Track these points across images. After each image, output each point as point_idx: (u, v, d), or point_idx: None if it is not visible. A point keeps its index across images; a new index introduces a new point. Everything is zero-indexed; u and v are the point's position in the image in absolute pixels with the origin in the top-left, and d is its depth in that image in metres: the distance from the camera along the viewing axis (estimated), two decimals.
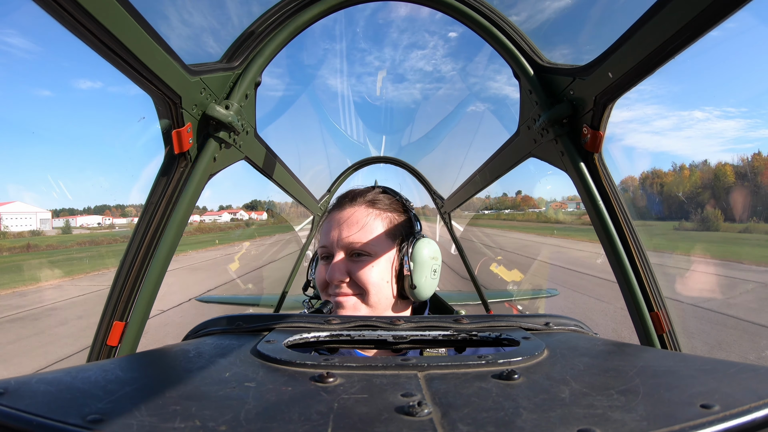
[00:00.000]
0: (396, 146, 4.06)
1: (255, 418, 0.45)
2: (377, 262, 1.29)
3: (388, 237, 1.33)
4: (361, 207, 1.36)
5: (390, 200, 1.42)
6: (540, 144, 1.66)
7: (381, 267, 1.30)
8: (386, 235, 1.33)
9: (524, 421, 0.44)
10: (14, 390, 0.48)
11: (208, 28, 1.59)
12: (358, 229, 1.30)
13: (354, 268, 1.29)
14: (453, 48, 7.18)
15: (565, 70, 1.47)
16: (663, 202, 65.13)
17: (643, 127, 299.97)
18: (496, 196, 59.06)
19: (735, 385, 0.52)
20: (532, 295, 8.25)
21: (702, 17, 0.94)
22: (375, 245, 1.30)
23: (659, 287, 1.49)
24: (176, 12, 1.42)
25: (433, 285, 1.36)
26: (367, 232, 1.31)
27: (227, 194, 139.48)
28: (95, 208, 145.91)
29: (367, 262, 1.29)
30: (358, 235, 1.29)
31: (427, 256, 1.32)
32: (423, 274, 1.31)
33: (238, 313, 0.95)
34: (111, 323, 1.41)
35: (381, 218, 1.35)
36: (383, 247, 1.31)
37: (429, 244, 1.35)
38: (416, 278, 1.30)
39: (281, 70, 2.42)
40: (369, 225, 1.32)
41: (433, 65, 22.37)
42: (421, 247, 1.32)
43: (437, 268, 1.36)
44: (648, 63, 1.13)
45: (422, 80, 8.43)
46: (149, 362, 0.69)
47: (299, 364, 0.62)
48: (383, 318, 0.91)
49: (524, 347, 0.71)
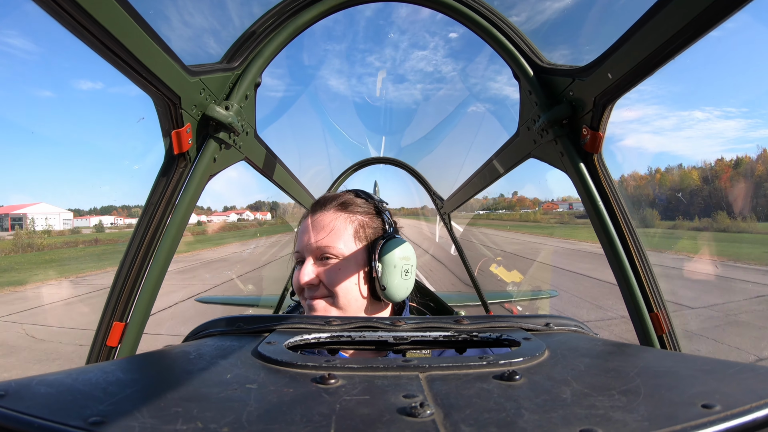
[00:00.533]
0: (396, 147, 4.06)
1: (257, 420, 0.45)
2: (345, 264, 1.29)
3: (357, 239, 1.33)
4: (330, 211, 1.36)
5: (362, 203, 1.41)
6: (540, 145, 1.66)
7: (349, 269, 1.29)
8: (354, 237, 1.33)
9: (526, 422, 0.44)
10: (15, 392, 0.48)
11: (208, 28, 1.59)
12: (325, 233, 1.31)
13: (322, 272, 1.29)
14: (453, 49, 7.25)
15: (565, 71, 1.47)
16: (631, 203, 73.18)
17: (644, 127, 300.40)
18: (493, 197, 60.70)
19: (735, 385, 0.52)
20: (531, 296, 8.24)
21: (701, 18, 0.94)
22: (342, 247, 1.30)
23: (659, 288, 1.49)
24: (176, 13, 1.42)
25: (406, 286, 1.34)
26: (334, 235, 1.31)
27: (230, 195, 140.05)
28: (101, 209, 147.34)
29: (335, 265, 1.29)
30: (325, 239, 1.30)
31: (397, 257, 1.31)
32: (393, 275, 1.30)
33: (237, 314, 0.95)
34: (111, 324, 1.41)
35: (349, 221, 1.34)
36: (351, 249, 1.31)
37: (399, 245, 1.34)
38: (385, 280, 1.29)
39: (281, 70, 2.42)
40: (336, 228, 1.32)
41: (433, 66, 22.47)
42: (390, 248, 1.32)
43: (409, 269, 1.35)
44: (647, 64, 1.14)
45: (423, 80, 8.41)
46: (150, 364, 0.69)
47: (300, 366, 0.62)
48: (384, 319, 0.91)
49: (525, 348, 0.71)
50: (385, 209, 1.44)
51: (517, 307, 6.45)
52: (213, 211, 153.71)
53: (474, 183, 2.89)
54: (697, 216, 58.57)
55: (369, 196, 1.45)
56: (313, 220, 1.36)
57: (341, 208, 1.37)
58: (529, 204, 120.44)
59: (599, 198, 1.47)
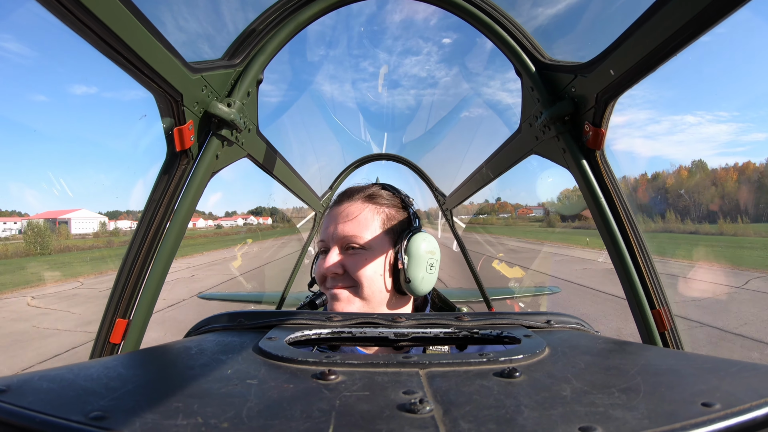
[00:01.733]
0: (398, 143, 4.05)
1: (257, 416, 0.45)
2: (371, 255, 1.29)
3: (384, 231, 1.33)
4: (357, 202, 1.36)
5: (389, 195, 1.42)
6: (542, 141, 1.66)
7: (375, 260, 1.30)
8: (381, 228, 1.33)
9: (526, 419, 0.44)
10: (17, 387, 0.49)
11: (209, 25, 1.58)
12: (352, 222, 1.31)
13: (348, 261, 1.29)
14: (448, 53, 7.24)
15: (567, 68, 1.46)
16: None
17: (637, 131, 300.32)
18: (479, 203, 64.29)
19: (736, 383, 0.52)
20: (534, 293, 8.25)
21: (704, 14, 0.93)
22: (369, 238, 1.30)
23: (661, 285, 1.48)
24: (178, 9, 1.42)
25: (431, 280, 1.34)
26: (362, 225, 1.31)
27: (229, 201, 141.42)
28: (109, 213, 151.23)
29: (361, 255, 1.29)
30: (352, 229, 1.30)
31: (423, 250, 1.31)
32: (418, 268, 1.30)
33: (240, 309, 0.96)
34: (114, 320, 1.42)
35: (377, 212, 1.35)
36: (378, 240, 1.31)
37: (426, 238, 1.34)
38: (411, 272, 1.29)
39: (283, 67, 2.42)
40: (364, 219, 1.32)
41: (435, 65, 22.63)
42: (417, 241, 1.32)
43: (434, 263, 1.35)
44: (650, 60, 1.13)
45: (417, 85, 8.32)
46: (151, 359, 0.69)
47: (301, 362, 0.62)
48: (385, 315, 0.91)
49: (525, 345, 0.71)
50: (411, 204, 1.45)
51: (519, 304, 6.45)
52: (220, 217, 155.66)
53: (476, 179, 2.88)
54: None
55: (396, 190, 1.46)
56: (340, 209, 1.36)
57: (369, 200, 1.37)
58: (510, 209, 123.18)
59: (601, 194, 1.46)
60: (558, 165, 1.60)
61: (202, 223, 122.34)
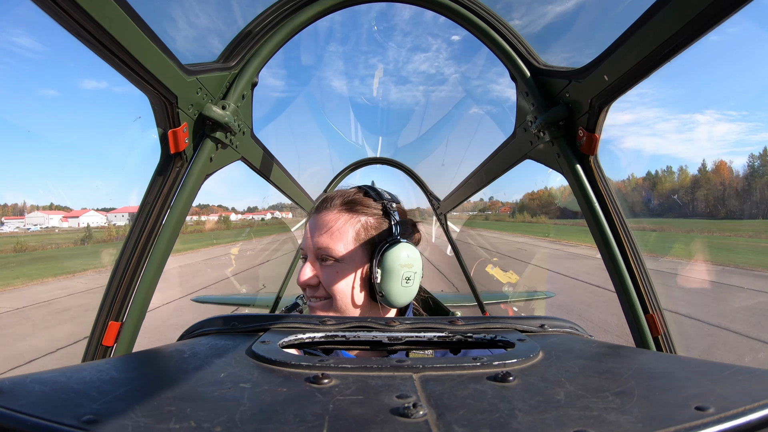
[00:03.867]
0: (392, 147, 4.06)
1: (250, 420, 0.45)
2: (344, 268, 1.27)
3: (358, 241, 1.29)
4: (334, 211, 1.32)
5: (369, 202, 1.36)
6: (536, 146, 1.67)
7: (347, 272, 1.27)
8: (356, 240, 1.29)
9: (519, 423, 0.44)
10: (9, 390, 0.48)
11: (204, 27, 1.58)
12: (326, 233, 1.28)
13: (322, 274, 1.28)
14: (455, 51, 7.28)
15: (561, 73, 1.47)
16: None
17: (644, 129, 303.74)
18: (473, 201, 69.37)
19: (730, 387, 0.52)
20: (527, 297, 8.26)
21: (697, 21, 0.94)
22: (343, 251, 1.27)
23: (654, 289, 1.49)
24: (173, 12, 1.42)
25: (408, 292, 1.30)
26: (336, 237, 1.27)
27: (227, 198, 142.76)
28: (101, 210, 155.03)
29: (334, 268, 1.27)
30: (326, 240, 1.27)
31: (397, 264, 1.26)
32: (393, 282, 1.26)
33: (233, 313, 0.95)
34: (106, 323, 1.40)
35: (352, 222, 1.30)
36: (352, 253, 1.28)
37: (402, 251, 1.28)
38: (385, 287, 1.25)
39: (278, 70, 2.42)
40: (339, 229, 1.28)
41: (435, 68, 22.86)
42: (392, 255, 1.26)
43: (411, 276, 1.29)
44: (643, 66, 1.14)
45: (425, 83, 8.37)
46: (144, 363, 0.68)
47: (294, 365, 0.62)
48: (378, 319, 0.91)
49: (519, 349, 0.71)
50: (393, 209, 1.37)
51: (513, 308, 6.46)
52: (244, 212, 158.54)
53: (470, 184, 2.90)
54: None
55: (378, 195, 1.39)
56: (317, 218, 1.33)
57: (346, 208, 1.33)
58: (497, 207, 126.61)
59: (595, 199, 1.47)
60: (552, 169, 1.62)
61: (234, 217, 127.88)
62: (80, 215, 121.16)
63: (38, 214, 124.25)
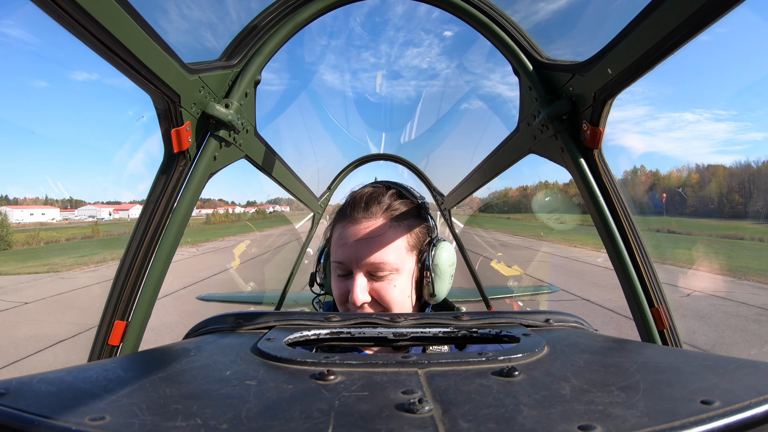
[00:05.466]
0: (396, 143, 4.05)
1: (256, 417, 0.45)
2: (400, 279, 1.23)
3: (408, 249, 1.26)
4: (378, 219, 1.25)
5: (405, 203, 1.32)
6: (540, 140, 1.66)
7: (403, 283, 1.24)
8: (407, 247, 1.26)
9: (525, 418, 0.44)
10: (16, 390, 0.49)
11: (206, 25, 1.58)
12: (377, 246, 1.21)
13: (376, 288, 1.22)
14: (458, 46, 7.13)
15: (565, 66, 1.46)
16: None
17: (634, 127, 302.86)
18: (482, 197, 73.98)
19: (735, 381, 0.52)
20: (533, 292, 8.25)
21: (701, 12, 0.93)
22: (398, 262, 1.22)
23: (660, 283, 1.49)
24: (174, 10, 1.42)
25: (449, 287, 1.33)
26: (389, 249, 1.22)
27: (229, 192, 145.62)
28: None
29: (391, 281, 1.22)
30: (379, 254, 1.21)
31: (447, 263, 1.27)
32: (444, 281, 1.27)
33: (239, 311, 0.96)
34: (112, 323, 1.41)
35: (400, 229, 1.26)
36: (404, 261, 1.24)
37: (448, 250, 1.30)
38: (437, 287, 1.26)
39: (281, 67, 2.42)
40: (389, 240, 1.23)
41: (438, 63, 22.88)
42: (442, 255, 1.27)
43: (454, 272, 1.32)
44: (647, 59, 1.13)
45: (417, 77, 8.36)
46: (150, 361, 0.69)
47: (300, 362, 0.62)
48: (383, 315, 0.91)
49: (524, 344, 0.71)
50: (427, 207, 1.37)
51: (518, 303, 6.46)
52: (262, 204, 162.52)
53: (474, 179, 2.88)
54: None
55: (411, 195, 1.36)
56: (360, 228, 1.25)
57: (389, 215, 1.27)
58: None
59: (599, 193, 1.47)
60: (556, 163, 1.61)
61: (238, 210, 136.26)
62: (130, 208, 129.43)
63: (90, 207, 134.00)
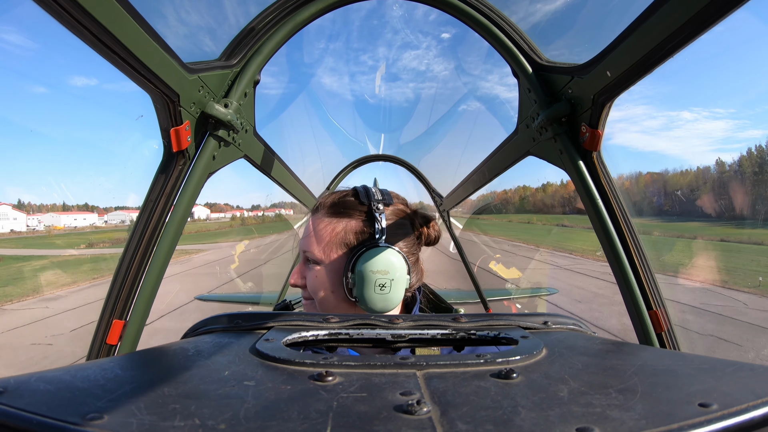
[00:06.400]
0: (395, 144, 4.06)
1: (254, 417, 0.45)
2: (323, 271, 1.30)
3: (338, 246, 1.30)
4: (319, 214, 1.35)
5: (356, 205, 1.34)
6: (539, 142, 1.66)
7: (326, 276, 1.30)
8: (338, 244, 1.30)
9: (523, 420, 0.44)
10: (13, 389, 0.48)
11: (206, 25, 1.58)
12: (312, 237, 1.33)
13: (306, 275, 1.34)
14: (459, 48, 7.16)
15: (564, 69, 1.47)
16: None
17: (633, 126, 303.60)
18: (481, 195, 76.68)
19: (733, 383, 0.52)
20: (531, 294, 8.26)
21: (700, 16, 0.94)
22: (321, 255, 1.30)
23: (658, 286, 1.49)
24: (174, 10, 1.42)
25: (385, 299, 1.27)
26: (319, 241, 1.32)
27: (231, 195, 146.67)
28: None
29: (315, 270, 1.31)
30: (311, 243, 1.32)
31: (369, 270, 1.24)
32: (366, 288, 1.25)
33: (237, 311, 0.95)
34: (110, 322, 1.41)
35: (336, 226, 1.31)
36: (330, 256, 1.30)
37: (378, 257, 1.26)
38: (358, 292, 1.25)
39: (280, 68, 2.42)
40: (320, 234, 1.32)
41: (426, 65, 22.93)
42: (366, 260, 1.25)
43: (387, 283, 1.26)
44: (646, 62, 1.13)
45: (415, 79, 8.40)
46: (148, 361, 0.69)
47: (298, 363, 0.62)
48: (382, 316, 0.91)
49: (523, 346, 0.71)
50: (380, 212, 1.33)
51: (516, 305, 6.47)
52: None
53: (473, 180, 2.89)
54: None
55: (367, 196, 1.36)
56: (310, 221, 1.39)
57: (331, 213, 1.33)
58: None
59: (598, 196, 1.47)
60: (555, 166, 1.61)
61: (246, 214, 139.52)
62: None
63: (119, 213, 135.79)
